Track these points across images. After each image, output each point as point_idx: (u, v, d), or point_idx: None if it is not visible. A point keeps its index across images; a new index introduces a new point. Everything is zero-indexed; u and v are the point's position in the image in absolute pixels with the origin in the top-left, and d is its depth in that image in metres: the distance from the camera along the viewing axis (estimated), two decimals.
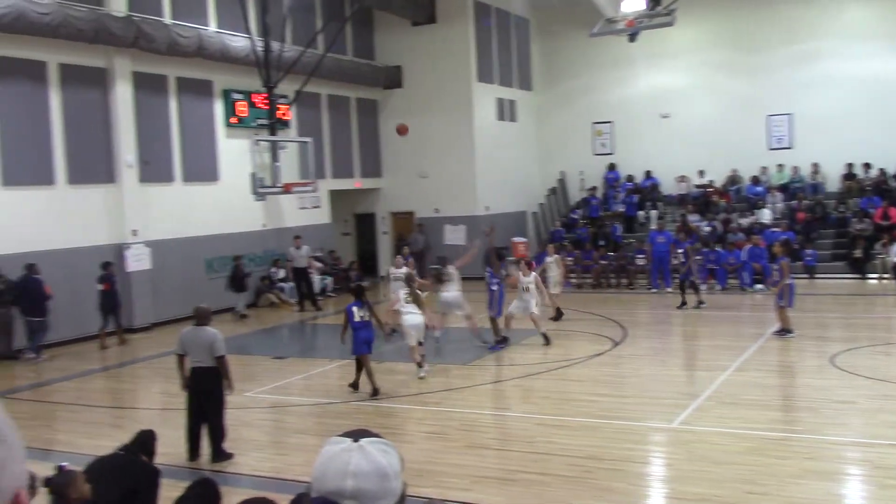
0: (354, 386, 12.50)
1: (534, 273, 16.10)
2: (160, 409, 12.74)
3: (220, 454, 9.62)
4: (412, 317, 13.31)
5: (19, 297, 16.21)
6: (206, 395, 9.67)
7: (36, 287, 16.15)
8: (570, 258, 24.47)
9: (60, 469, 5.28)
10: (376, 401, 12.11)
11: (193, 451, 9.67)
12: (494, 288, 15.74)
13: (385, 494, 1.80)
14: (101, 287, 17.39)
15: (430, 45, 26.74)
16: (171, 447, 10.13)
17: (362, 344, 12.15)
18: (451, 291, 15.65)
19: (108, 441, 10.60)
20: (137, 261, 19.15)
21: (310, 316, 21.57)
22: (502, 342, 15.42)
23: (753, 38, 26.79)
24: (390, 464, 1.82)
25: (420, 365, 13.21)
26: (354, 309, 12.19)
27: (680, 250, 19.76)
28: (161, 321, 19.62)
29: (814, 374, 12.77)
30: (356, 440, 1.84)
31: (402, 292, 13.86)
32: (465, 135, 26.67)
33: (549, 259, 19.19)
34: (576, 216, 28.22)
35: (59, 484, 5.13)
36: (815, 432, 9.78)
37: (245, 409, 12.02)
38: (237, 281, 21.09)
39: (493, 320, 15.69)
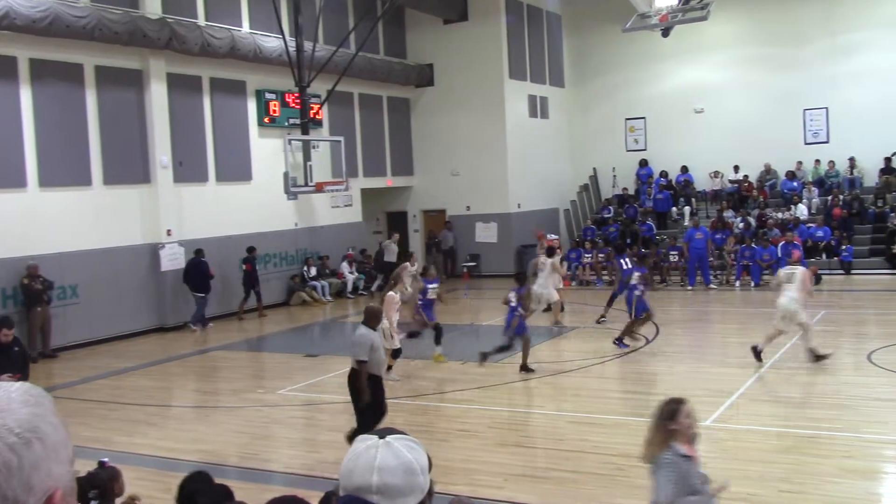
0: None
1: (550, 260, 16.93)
2: (193, 407, 12.89)
3: None
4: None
5: (188, 276, 19.10)
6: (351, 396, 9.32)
7: (202, 268, 19.14)
8: (602, 255, 24.38)
9: (102, 464, 5.34)
10: (409, 399, 12.13)
11: None
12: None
13: (411, 490, 1.80)
14: (244, 267, 20.57)
15: (462, 43, 26.72)
16: (209, 444, 10.26)
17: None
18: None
19: (142, 439, 10.76)
20: (172, 260, 19.36)
21: (341, 314, 21.69)
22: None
23: (788, 32, 26.43)
24: (417, 460, 1.83)
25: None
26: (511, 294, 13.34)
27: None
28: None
29: (851, 372, 12.60)
30: (382, 437, 1.85)
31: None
32: (496, 132, 26.62)
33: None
34: (608, 213, 28.08)
35: (104, 479, 5.17)
36: (852, 430, 9.64)
37: (278, 406, 12.11)
38: (380, 262, 24.15)
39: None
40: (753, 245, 22.56)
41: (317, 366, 14.95)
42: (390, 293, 13.45)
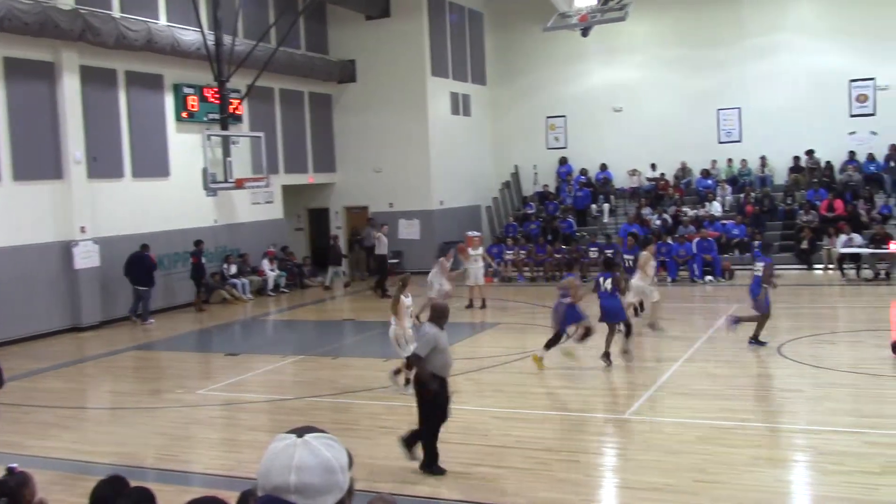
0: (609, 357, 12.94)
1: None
2: (109, 409, 12.58)
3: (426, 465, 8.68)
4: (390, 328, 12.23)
5: (130, 269, 19.30)
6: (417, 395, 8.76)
7: (145, 262, 19.42)
8: (523, 251, 24.64)
9: (11, 471, 5.15)
10: (333, 396, 12.07)
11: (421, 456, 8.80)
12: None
13: (330, 489, 1.80)
14: (191, 260, 21.14)
15: (384, 40, 26.65)
16: (126, 447, 10.03)
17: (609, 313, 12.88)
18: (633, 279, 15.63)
19: (55, 442, 10.46)
20: (85, 258, 18.84)
21: (261, 312, 21.46)
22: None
23: (703, 34, 27.15)
24: (336, 458, 1.83)
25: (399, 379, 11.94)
26: (601, 280, 12.90)
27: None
28: (110, 319, 19.36)
29: (762, 364, 13.01)
30: (300, 436, 1.84)
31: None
32: (419, 129, 26.65)
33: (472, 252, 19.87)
34: (529, 210, 28.39)
35: (12, 486, 4.98)
36: (763, 421, 9.98)
37: (197, 406, 11.92)
38: (335, 255, 24.97)
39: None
40: (670, 241, 23.10)
41: (237, 365, 14.76)
42: (403, 298, 12.16)
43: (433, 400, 8.58)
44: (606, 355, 12.93)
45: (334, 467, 1.81)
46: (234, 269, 22.84)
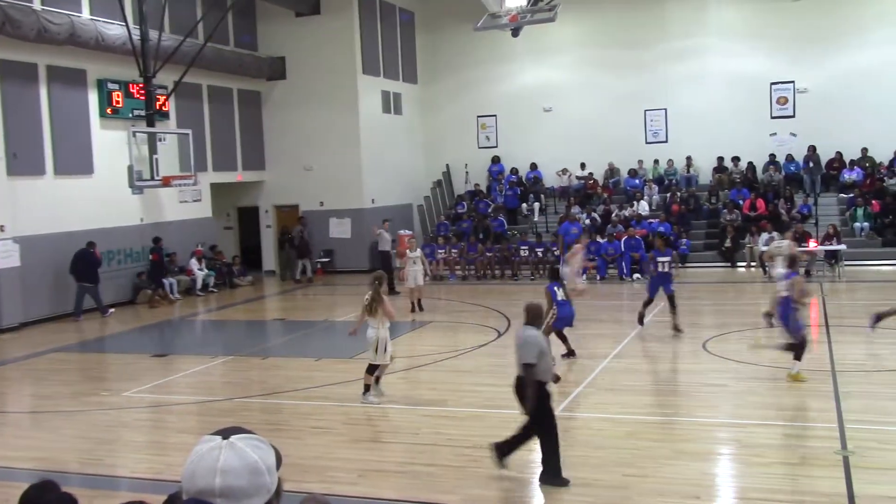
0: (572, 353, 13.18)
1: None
2: (30, 413, 12.23)
3: (547, 476, 8.11)
4: (370, 330, 11.21)
5: (75, 266, 19.50)
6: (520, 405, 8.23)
7: (90, 259, 19.65)
8: (455, 250, 24.73)
9: None
10: (263, 397, 11.94)
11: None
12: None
13: (257, 491, 1.78)
14: (150, 257, 21.63)
15: (315, 37, 26.45)
16: (48, 451, 9.77)
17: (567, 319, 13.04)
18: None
19: None
20: (5, 258, 18.27)
21: (190, 312, 21.11)
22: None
23: (630, 36, 27.62)
24: (262, 459, 1.81)
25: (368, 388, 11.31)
26: (555, 289, 13.01)
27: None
28: (31, 321, 18.82)
29: (687, 360, 13.31)
30: (226, 437, 1.82)
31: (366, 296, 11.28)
32: (350, 127, 26.51)
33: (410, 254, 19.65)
34: (461, 209, 28.49)
35: None
36: (688, 415, 10.21)
37: (123, 409, 11.67)
38: (302, 247, 25.51)
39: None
40: (599, 240, 23.45)
41: (165, 366, 14.50)
42: (385, 297, 11.32)
43: (542, 407, 8.14)
44: (571, 352, 13.17)
45: (261, 469, 1.79)
46: None
